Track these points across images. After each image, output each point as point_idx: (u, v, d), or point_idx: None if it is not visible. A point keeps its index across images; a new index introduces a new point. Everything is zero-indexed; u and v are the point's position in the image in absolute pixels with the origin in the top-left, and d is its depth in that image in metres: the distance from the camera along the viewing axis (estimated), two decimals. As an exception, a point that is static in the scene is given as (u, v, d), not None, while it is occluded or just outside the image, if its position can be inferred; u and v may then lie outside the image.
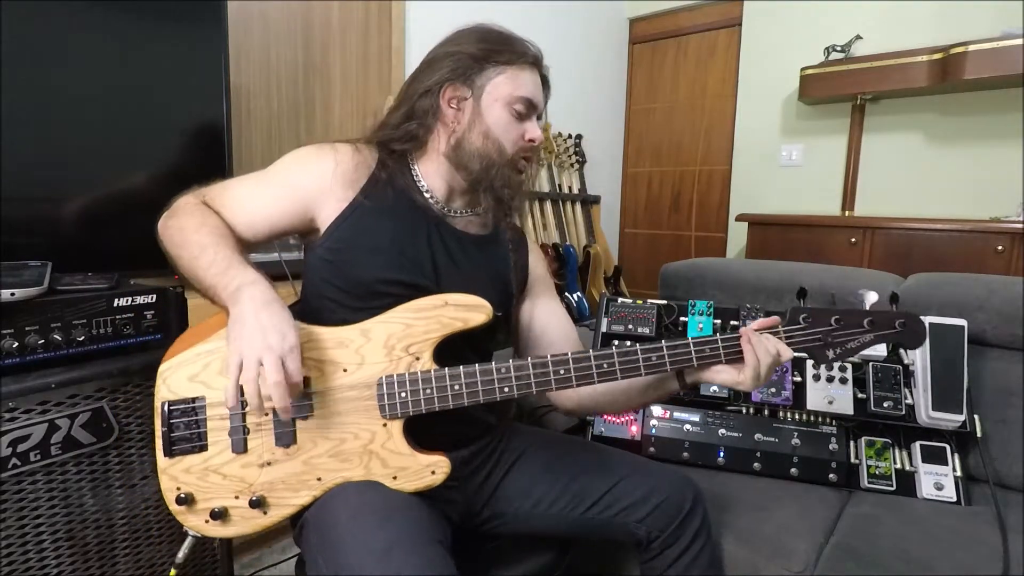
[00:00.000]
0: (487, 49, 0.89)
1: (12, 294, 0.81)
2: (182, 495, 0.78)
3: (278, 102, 1.91)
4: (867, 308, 0.82)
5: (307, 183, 0.87)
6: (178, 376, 0.80)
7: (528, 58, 0.91)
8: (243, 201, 0.87)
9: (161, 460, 0.80)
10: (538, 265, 1.05)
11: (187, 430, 0.79)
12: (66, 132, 1.09)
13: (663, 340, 0.83)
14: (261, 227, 0.87)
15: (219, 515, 0.79)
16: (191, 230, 0.80)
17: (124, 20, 1.14)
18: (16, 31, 0.99)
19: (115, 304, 0.93)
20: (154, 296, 0.97)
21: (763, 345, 0.80)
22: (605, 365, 0.81)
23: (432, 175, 0.93)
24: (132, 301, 0.95)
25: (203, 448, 0.79)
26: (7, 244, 0.99)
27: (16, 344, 0.83)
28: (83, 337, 0.90)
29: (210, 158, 1.28)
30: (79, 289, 0.92)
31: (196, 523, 0.80)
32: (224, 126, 1.29)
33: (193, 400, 0.80)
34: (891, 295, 0.85)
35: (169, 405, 0.79)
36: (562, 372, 0.81)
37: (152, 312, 0.97)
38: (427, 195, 0.93)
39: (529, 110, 0.91)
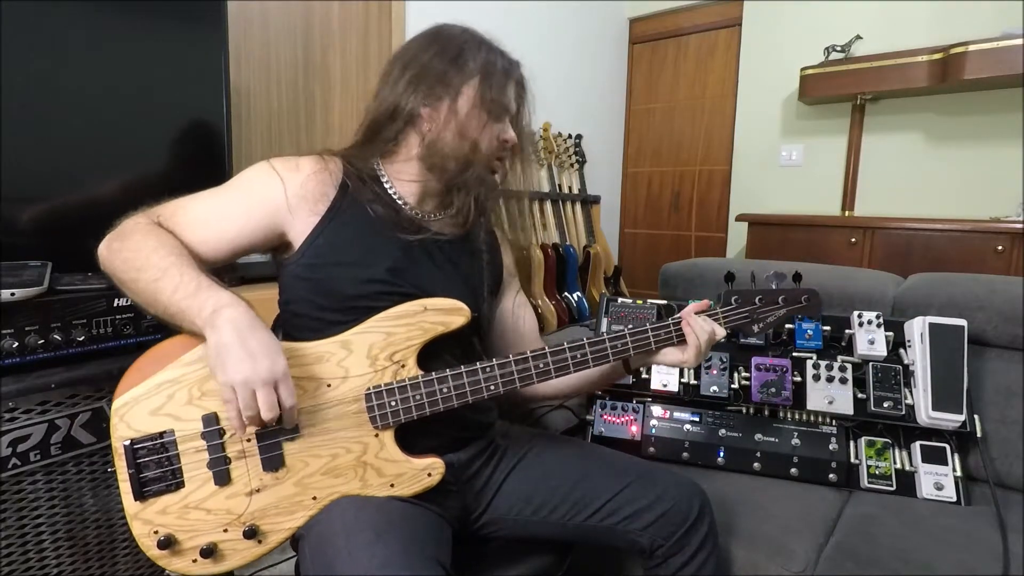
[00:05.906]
0: (463, 50, 0.89)
1: (12, 294, 0.81)
2: (162, 538, 0.73)
3: (278, 102, 1.91)
4: (777, 288, 0.98)
5: (271, 198, 0.83)
6: (137, 411, 0.74)
7: (505, 62, 0.91)
8: (203, 220, 0.82)
9: (131, 505, 0.73)
10: (511, 263, 1.08)
11: (159, 468, 0.73)
12: (66, 132, 1.09)
13: (627, 328, 0.91)
14: (224, 246, 0.82)
15: (209, 552, 0.74)
16: (148, 250, 0.74)
17: (124, 20, 1.14)
18: (16, 31, 0.99)
19: (115, 304, 0.93)
20: (154, 296, 0.96)
21: (700, 325, 0.90)
22: (579, 355, 0.87)
23: (403, 181, 0.92)
24: (132, 301, 0.94)
25: (179, 485, 0.74)
26: (7, 244, 0.99)
27: (16, 344, 0.83)
28: (83, 337, 0.90)
29: (210, 158, 1.28)
30: (79, 289, 0.92)
31: (182, 565, 0.74)
32: (224, 126, 1.29)
33: (161, 435, 0.74)
34: (794, 274, 1.00)
35: (133, 444, 0.73)
36: (542, 366, 0.85)
37: (152, 312, 0.97)
38: (399, 201, 0.91)
39: (503, 112, 0.91)
